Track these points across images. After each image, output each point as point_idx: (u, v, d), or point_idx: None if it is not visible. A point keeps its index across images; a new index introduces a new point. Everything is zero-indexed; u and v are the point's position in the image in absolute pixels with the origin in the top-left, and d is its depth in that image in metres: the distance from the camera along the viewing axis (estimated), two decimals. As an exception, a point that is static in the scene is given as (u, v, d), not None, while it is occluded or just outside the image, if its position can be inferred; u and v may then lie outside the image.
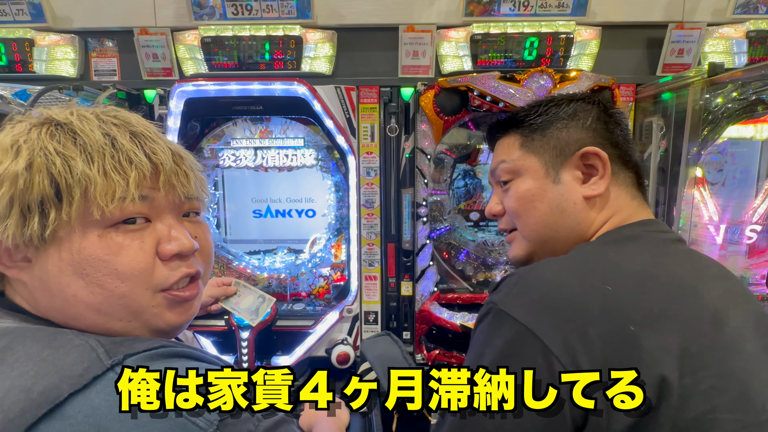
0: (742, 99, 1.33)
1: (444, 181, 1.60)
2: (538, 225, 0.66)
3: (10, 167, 0.41)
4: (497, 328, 0.51)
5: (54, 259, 0.43)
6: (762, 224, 1.56)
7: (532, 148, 0.66)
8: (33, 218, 0.41)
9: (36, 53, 1.66)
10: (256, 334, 1.32)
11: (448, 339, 1.46)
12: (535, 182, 0.65)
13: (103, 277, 0.44)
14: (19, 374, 0.37)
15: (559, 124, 0.65)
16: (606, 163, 0.62)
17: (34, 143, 0.42)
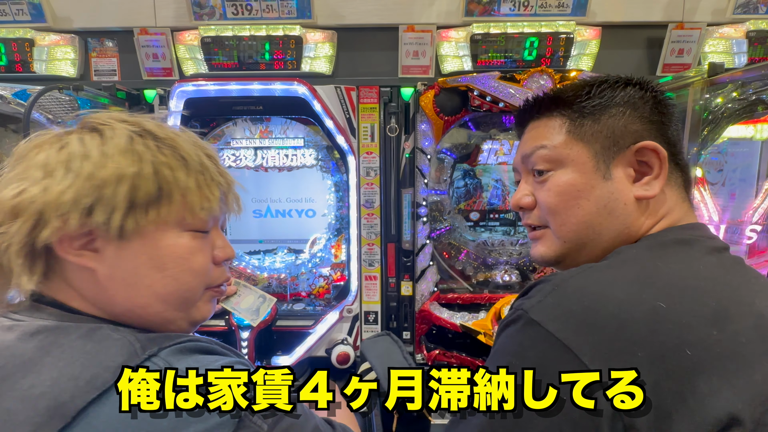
0: (742, 99, 1.33)
1: (444, 181, 1.60)
2: (580, 225, 0.57)
3: (129, 169, 0.47)
4: (529, 339, 0.45)
5: (136, 251, 0.49)
6: (762, 224, 1.56)
7: (581, 136, 0.57)
8: (135, 214, 0.47)
9: (36, 53, 1.66)
10: (256, 334, 1.32)
11: (448, 339, 1.46)
12: (581, 176, 0.57)
13: (180, 273, 0.52)
14: (66, 364, 0.42)
15: (614, 110, 0.56)
16: (664, 161, 0.54)
17: (147, 152, 0.49)
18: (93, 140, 0.48)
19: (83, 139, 0.48)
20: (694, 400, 0.39)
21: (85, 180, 0.45)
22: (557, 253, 0.61)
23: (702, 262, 0.49)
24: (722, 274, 0.48)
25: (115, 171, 0.46)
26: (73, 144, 0.47)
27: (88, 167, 0.46)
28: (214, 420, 0.43)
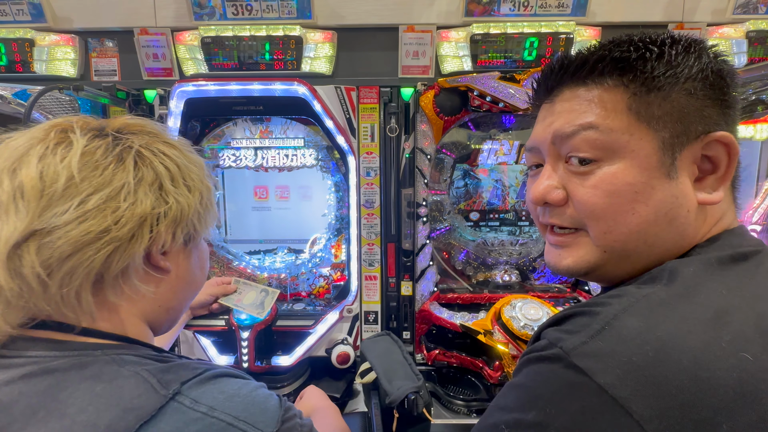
0: (742, 99, 1.33)
1: (444, 181, 1.60)
2: (631, 235, 0.45)
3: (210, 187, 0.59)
4: (570, 388, 0.36)
5: (194, 256, 0.59)
6: (762, 224, 1.56)
7: (648, 118, 0.43)
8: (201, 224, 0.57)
9: (36, 53, 1.66)
10: (256, 333, 1.32)
11: (448, 339, 1.46)
12: (641, 173, 0.43)
13: (204, 270, 0.63)
14: (77, 410, 0.39)
15: (689, 85, 0.42)
16: (735, 158, 0.43)
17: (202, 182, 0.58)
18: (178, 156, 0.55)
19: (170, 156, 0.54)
20: None
21: (198, 196, 0.55)
22: (592, 265, 0.48)
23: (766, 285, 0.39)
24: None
25: (209, 189, 0.58)
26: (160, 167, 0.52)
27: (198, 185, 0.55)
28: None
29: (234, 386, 0.47)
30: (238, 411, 0.44)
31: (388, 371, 0.96)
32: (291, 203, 1.68)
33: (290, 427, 0.49)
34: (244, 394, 0.47)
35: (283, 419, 0.48)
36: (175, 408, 0.42)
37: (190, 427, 0.41)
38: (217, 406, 0.44)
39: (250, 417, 0.45)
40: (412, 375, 0.94)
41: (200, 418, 0.42)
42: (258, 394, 0.48)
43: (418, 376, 0.94)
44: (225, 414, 0.44)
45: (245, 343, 1.32)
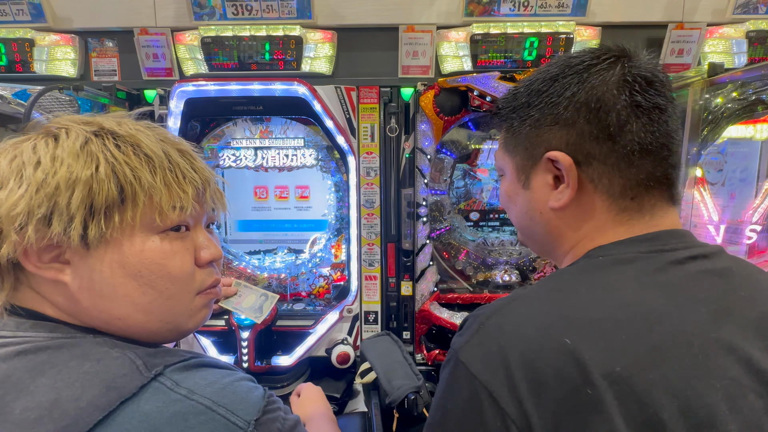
0: (742, 99, 1.33)
1: (444, 181, 1.60)
2: (517, 224, 0.64)
3: (82, 172, 0.44)
4: (457, 381, 0.46)
5: (107, 260, 0.46)
6: (762, 224, 1.56)
7: (509, 149, 0.60)
8: (97, 221, 0.44)
9: (36, 53, 1.66)
10: (257, 333, 1.32)
11: (448, 339, 1.46)
12: (510, 184, 0.61)
13: (156, 279, 0.48)
14: (64, 386, 0.40)
15: (531, 120, 0.54)
16: (569, 170, 0.51)
17: (103, 152, 0.45)
18: (46, 146, 0.45)
19: (36, 145, 0.45)
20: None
21: (37, 188, 0.42)
22: (521, 239, 0.66)
23: (635, 284, 0.45)
24: (657, 295, 0.44)
25: (67, 176, 0.43)
26: (26, 151, 0.44)
27: (40, 175, 0.43)
28: None
29: (217, 375, 0.47)
30: (218, 397, 0.44)
31: (388, 371, 0.96)
32: (291, 203, 1.68)
33: (272, 419, 0.47)
34: (226, 383, 0.46)
35: (265, 410, 0.47)
36: (155, 388, 0.42)
37: (169, 407, 0.41)
38: (197, 390, 0.43)
39: (230, 404, 0.44)
40: (412, 375, 0.94)
41: (179, 400, 0.42)
42: (241, 384, 0.47)
43: (418, 376, 0.94)
44: (204, 398, 0.43)
45: (245, 343, 1.32)
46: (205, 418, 0.42)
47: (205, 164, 0.55)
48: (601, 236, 0.53)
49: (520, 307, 0.48)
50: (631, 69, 0.49)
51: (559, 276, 0.52)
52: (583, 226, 0.54)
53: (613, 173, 0.50)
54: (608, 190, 0.51)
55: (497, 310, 0.48)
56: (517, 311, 0.48)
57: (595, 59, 0.51)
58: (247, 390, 0.47)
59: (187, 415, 0.42)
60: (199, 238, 0.54)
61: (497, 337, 0.45)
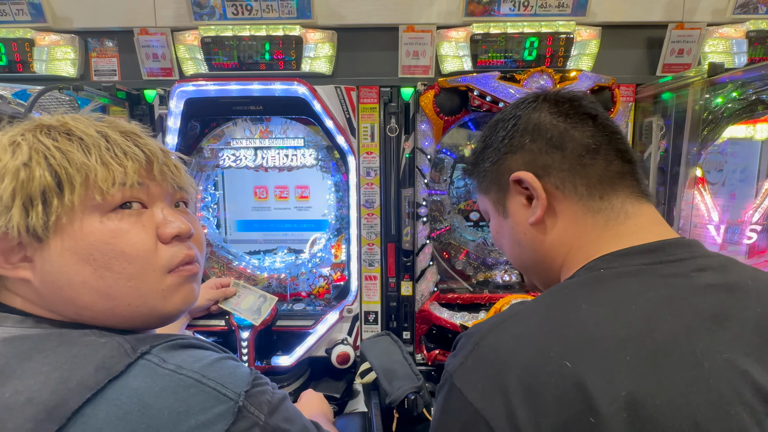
0: (742, 99, 1.33)
1: (444, 181, 1.60)
2: (511, 259, 0.66)
3: (10, 163, 0.44)
4: (452, 407, 0.44)
5: (58, 249, 0.45)
6: (762, 224, 1.56)
7: (483, 191, 0.67)
8: (36, 208, 0.44)
9: (36, 53, 1.66)
10: (256, 334, 1.32)
11: (448, 339, 1.46)
12: (494, 221, 0.66)
13: (110, 260, 0.47)
14: (52, 369, 0.40)
15: (491, 158, 0.62)
16: (532, 182, 0.55)
17: (31, 141, 0.45)
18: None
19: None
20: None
21: None
22: (527, 280, 0.69)
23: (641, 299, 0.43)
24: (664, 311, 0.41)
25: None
26: None
27: None
28: (214, 411, 0.43)
29: (204, 354, 0.47)
30: (206, 371, 0.44)
31: (388, 371, 0.96)
32: (291, 203, 1.68)
33: (261, 391, 0.48)
34: (213, 359, 0.47)
35: (253, 383, 0.48)
36: (143, 365, 0.42)
37: (157, 382, 0.42)
38: (185, 365, 0.44)
39: (219, 377, 0.45)
40: (412, 375, 0.94)
41: (168, 375, 0.42)
42: (228, 362, 0.48)
43: (418, 376, 0.94)
44: (193, 372, 0.44)
45: (245, 344, 1.32)
46: (195, 390, 0.43)
47: (155, 142, 0.53)
48: (587, 243, 0.54)
49: (516, 325, 0.46)
50: (554, 96, 0.59)
51: (557, 291, 0.49)
52: (566, 234, 0.56)
53: (573, 177, 0.55)
54: (575, 192, 0.55)
55: (491, 329, 0.46)
56: (513, 330, 0.45)
57: (522, 102, 0.61)
58: (234, 366, 0.48)
59: (176, 388, 0.42)
60: (158, 215, 0.52)
61: (493, 359, 0.43)
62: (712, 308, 0.41)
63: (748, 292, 0.43)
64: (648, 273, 0.46)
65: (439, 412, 0.47)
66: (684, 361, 0.37)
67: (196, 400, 0.42)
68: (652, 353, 0.38)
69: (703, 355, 0.38)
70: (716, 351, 0.38)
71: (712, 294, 0.43)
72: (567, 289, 0.49)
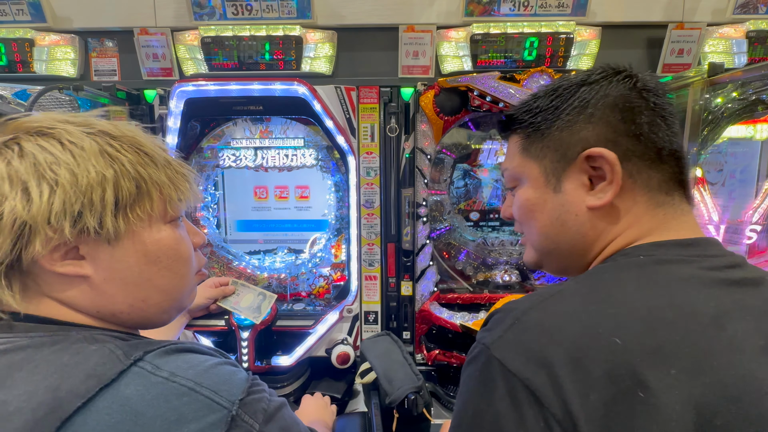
0: (742, 99, 1.33)
1: (444, 181, 1.60)
2: (540, 236, 0.60)
3: (108, 171, 0.47)
4: (491, 379, 0.44)
5: (130, 250, 0.50)
6: (762, 224, 1.56)
7: (532, 153, 0.58)
8: (124, 214, 0.49)
9: (36, 53, 1.66)
10: (256, 333, 1.32)
11: (448, 339, 1.46)
12: (535, 191, 0.59)
13: (172, 262, 0.54)
14: (42, 378, 0.40)
15: (560, 121, 0.55)
16: (614, 165, 0.51)
17: (116, 151, 0.49)
18: (54, 146, 0.46)
19: (42, 145, 0.45)
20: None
21: (69, 187, 0.44)
22: (535, 260, 0.63)
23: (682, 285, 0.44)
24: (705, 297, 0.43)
25: (98, 174, 0.46)
26: (33, 151, 0.45)
27: (67, 174, 0.45)
28: (207, 420, 0.42)
29: (199, 359, 0.47)
30: (200, 378, 0.44)
31: (388, 371, 0.96)
32: (291, 203, 1.68)
33: (257, 399, 0.48)
34: (208, 366, 0.46)
35: (249, 391, 0.47)
36: (135, 372, 0.42)
37: (150, 390, 0.41)
38: (179, 372, 0.44)
39: (213, 385, 0.44)
40: (412, 375, 0.94)
41: (161, 383, 0.42)
42: (224, 367, 0.48)
43: (418, 376, 0.94)
44: (186, 380, 0.43)
45: (245, 343, 1.32)
46: (188, 399, 0.42)
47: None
48: (637, 233, 0.53)
49: (560, 303, 0.46)
50: (644, 82, 0.53)
51: (597, 273, 0.50)
52: (621, 224, 0.53)
53: (650, 170, 0.52)
54: (647, 184, 0.53)
55: (534, 306, 0.46)
56: (557, 307, 0.45)
57: (612, 73, 0.54)
58: (231, 372, 0.48)
59: (169, 396, 0.42)
60: (188, 227, 0.61)
61: (537, 333, 0.43)
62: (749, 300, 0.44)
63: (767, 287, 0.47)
64: (688, 263, 0.47)
65: (473, 384, 0.46)
66: (730, 346, 0.39)
67: (188, 409, 0.42)
68: (700, 335, 0.40)
69: (744, 341, 0.40)
70: (755, 337, 0.40)
71: (744, 288, 0.45)
72: (608, 273, 0.49)
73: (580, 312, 0.44)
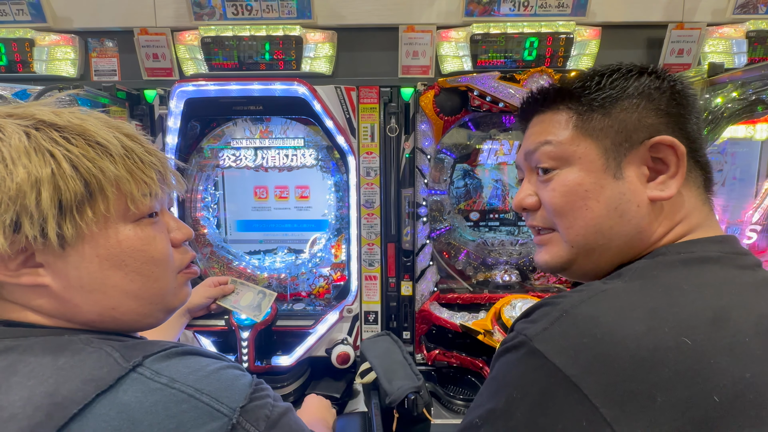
0: (742, 99, 1.33)
1: (444, 181, 1.60)
2: (588, 229, 0.53)
3: (44, 170, 0.41)
4: (531, 371, 0.42)
5: (88, 255, 0.45)
6: (762, 224, 1.56)
7: (590, 131, 0.52)
8: (71, 218, 0.43)
9: (36, 53, 1.66)
10: (257, 333, 1.32)
11: (448, 339, 1.46)
12: (589, 175, 0.52)
13: (141, 265, 0.49)
14: (37, 382, 0.39)
15: (627, 102, 0.51)
16: (682, 158, 0.50)
17: (55, 146, 0.43)
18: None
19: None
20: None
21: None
22: (566, 259, 0.56)
23: (735, 285, 0.43)
24: (759, 298, 0.42)
25: (27, 175, 0.40)
26: None
27: None
28: (207, 428, 0.41)
29: (201, 363, 0.45)
30: (201, 384, 0.42)
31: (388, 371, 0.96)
32: (291, 203, 1.68)
33: (260, 406, 0.46)
34: (210, 370, 0.44)
35: (252, 397, 0.45)
36: (134, 378, 0.41)
37: (148, 397, 0.40)
38: (179, 378, 0.42)
39: (214, 391, 0.42)
40: (412, 375, 0.94)
41: (160, 389, 0.41)
42: (227, 372, 0.46)
43: (418, 376, 0.94)
44: (186, 386, 0.41)
45: (245, 343, 1.32)
46: (188, 406, 0.41)
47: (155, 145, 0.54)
48: (683, 227, 0.52)
49: (612, 299, 0.43)
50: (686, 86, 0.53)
51: (641, 271, 0.47)
52: (675, 216, 0.52)
53: (697, 168, 0.53)
54: (695, 182, 0.53)
55: (584, 300, 0.43)
56: (611, 303, 0.42)
57: (662, 71, 0.54)
58: (233, 377, 0.46)
59: (168, 404, 0.40)
60: (170, 221, 0.56)
61: (590, 328, 0.40)
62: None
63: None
64: (729, 260, 0.47)
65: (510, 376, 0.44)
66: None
67: (188, 417, 0.40)
68: (764, 335, 0.39)
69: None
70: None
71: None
72: (656, 270, 0.47)
73: (637, 309, 0.41)
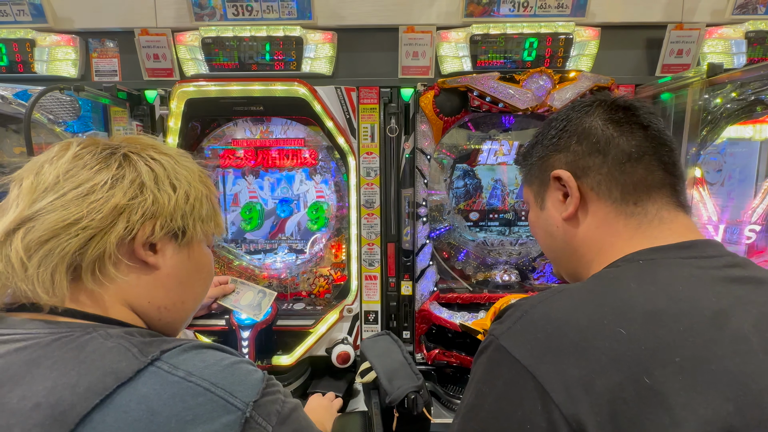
0: (741, 99, 1.33)
1: (444, 181, 1.61)
2: (544, 249, 0.71)
3: (203, 190, 0.60)
4: (497, 365, 0.47)
5: (188, 256, 0.59)
6: (761, 224, 1.57)
7: (527, 182, 0.71)
8: (202, 226, 0.59)
9: (37, 54, 1.67)
10: (257, 333, 1.32)
11: (447, 338, 1.46)
12: (533, 212, 0.71)
13: (206, 277, 0.64)
14: (60, 374, 0.41)
15: (536, 156, 0.67)
16: (568, 181, 0.60)
17: (204, 178, 0.62)
18: (174, 164, 0.58)
19: (162, 160, 0.57)
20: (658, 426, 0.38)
21: (186, 197, 0.56)
22: (556, 272, 0.72)
23: (686, 282, 0.47)
24: (711, 294, 0.45)
25: (200, 192, 0.59)
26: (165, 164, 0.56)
27: (186, 186, 0.57)
28: (221, 421, 0.43)
29: (217, 357, 0.48)
30: (216, 378, 0.45)
31: (388, 371, 0.96)
32: (291, 203, 1.68)
33: (271, 401, 0.48)
34: (225, 365, 0.47)
35: (264, 392, 0.48)
36: (152, 372, 0.43)
37: (166, 390, 0.42)
38: (195, 372, 0.45)
39: (228, 385, 0.45)
40: (412, 374, 0.94)
41: (177, 382, 0.43)
42: (241, 366, 0.49)
43: (418, 375, 0.94)
44: (202, 380, 0.44)
45: (246, 343, 1.32)
46: (204, 399, 0.43)
47: None
48: (620, 241, 0.57)
49: (566, 299, 0.49)
50: (610, 102, 0.61)
51: (602, 274, 0.54)
52: (597, 232, 0.60)
53: (609, 181, 0.59)
54: (609, 195, 0.59)
55: (542, 301, 0.50)
56: (564, 302, 0.49)
57: (578, 104, 0.64)
58: (247, 372, 0.49)
59: (185, 396, 0.43)
60: None
61: (543, 324, 0.46)
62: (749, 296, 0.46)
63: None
64: (687, 264, 0.50)
65: (480, 371, 0.50)
66: (735, 336, 0.41)
67: (203, 409, 0.43)
68: (704, 327, 0.42)
69: (750, 333, 0.42)
70: (760, 330, 0.43)
71: (745, 285, 0.48)
72: (612, 273, 0.53)
73: (584, 305, 0.47)
